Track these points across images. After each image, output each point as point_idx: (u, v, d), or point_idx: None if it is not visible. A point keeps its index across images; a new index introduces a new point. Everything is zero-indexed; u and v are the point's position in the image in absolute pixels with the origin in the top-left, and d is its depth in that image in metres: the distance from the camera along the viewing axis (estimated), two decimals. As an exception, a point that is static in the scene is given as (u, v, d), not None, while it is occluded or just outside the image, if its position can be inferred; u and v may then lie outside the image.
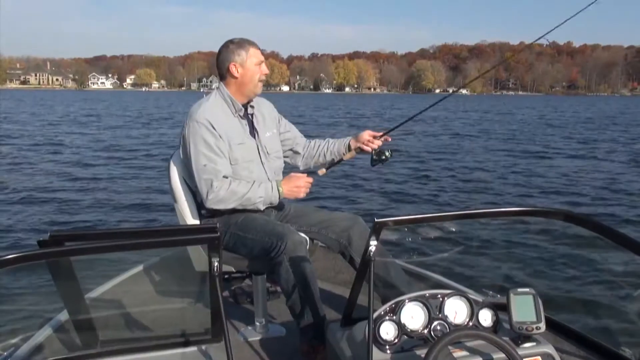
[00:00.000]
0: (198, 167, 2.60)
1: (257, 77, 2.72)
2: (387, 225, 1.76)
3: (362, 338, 1.88)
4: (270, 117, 2.94)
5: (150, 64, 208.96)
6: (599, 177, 12.62)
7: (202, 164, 2.59)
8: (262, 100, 2.97)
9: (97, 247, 1.59)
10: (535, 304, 1.79)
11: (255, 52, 2.71)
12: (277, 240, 2.45)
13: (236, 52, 2.69)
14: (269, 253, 2.47)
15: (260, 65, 2.72)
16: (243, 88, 2.74)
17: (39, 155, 16.07)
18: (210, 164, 2.59)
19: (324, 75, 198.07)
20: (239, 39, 2.73)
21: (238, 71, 2.70)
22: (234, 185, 2.59)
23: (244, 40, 2.72)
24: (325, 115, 41.08)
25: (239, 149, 2.68)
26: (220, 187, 2.57)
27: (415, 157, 15.76)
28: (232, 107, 2.74)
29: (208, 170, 2.59)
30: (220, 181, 2.58)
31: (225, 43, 2.74)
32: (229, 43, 2.72)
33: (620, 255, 4.88)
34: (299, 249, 2.44)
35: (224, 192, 2.57)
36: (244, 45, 2.70)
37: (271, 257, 2.47)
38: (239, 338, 2.81)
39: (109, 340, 2.00)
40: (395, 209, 9.32)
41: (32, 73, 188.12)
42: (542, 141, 21.61)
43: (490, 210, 2.03)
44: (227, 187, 2.58)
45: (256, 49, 2.72)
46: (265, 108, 2.95)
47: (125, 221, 8.23)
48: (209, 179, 2.58)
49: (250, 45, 2.70)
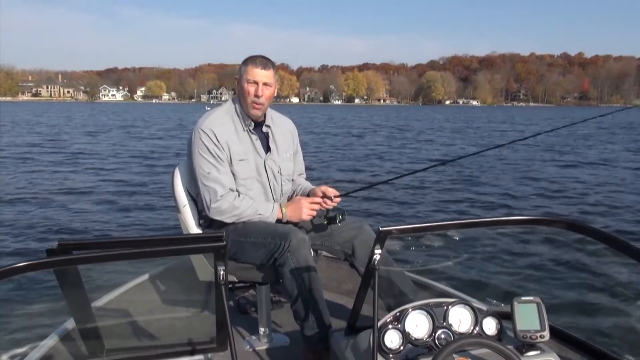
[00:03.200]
0: (202, 174, 2.59)
1: (249, 98, 2.64)
2: (392, 234, 1.75)
3: (366, 347, 1.88)
4: (288, 137, 2.89)
5: (161, 76, 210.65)
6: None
7: (206, 171, 2.59)
8: (284, 120, 2.92)
9: (104, 255, 1.60)
10: (539, 312, 1.80)
11: (252, 71, 2.63)
12: (281, 239, 2.42)
13: (241, 67, 2.69)
14: (273, 254, 2.45)
15: (251, 85, 2.63)
16: (242, 104, 2.71)
17: (50, 164, 16.27)
18: (214, 173, 2.58)
19: (334, 86, 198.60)
20: (252, 55, 2.69)
21: (237, 85, 2.70)
22: (237, 201, 2.59)
23: (249, 57, 2.68)
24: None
25: (239, 164, 2.64)
26: (224, 198, 2.57)
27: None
28: (242, 121, 2.70)
29: (212, 178, 2.58)
30: (226, 192, 2.58)
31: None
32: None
33: (624, 263, 4.85)
34: (303, 247, 2.42)
35: (227, 204, 2.57)
36: (247, 61, 2.67)
37: (275, 259, 2.45)
38: (244, 347, 2.81)
39: (114, 349, 2.01)
40: (399, 218, 9.32)
41: (44, 85, 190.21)
42: (564, 150, 21.51)
43: (494, 219, 2.03)
44: (231, 199, 2.58)
45: (255, 68, 2.63)
46: (286, 127, 2.90)
47: (132, 229, 8.29)
48: (213, 187, 2.57)
49: (251, 63, 2.65)
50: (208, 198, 2.59)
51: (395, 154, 20.38)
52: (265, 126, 2.78)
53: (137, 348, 2.30)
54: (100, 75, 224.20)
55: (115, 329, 2.68)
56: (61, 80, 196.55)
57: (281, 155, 2.80)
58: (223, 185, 2.57)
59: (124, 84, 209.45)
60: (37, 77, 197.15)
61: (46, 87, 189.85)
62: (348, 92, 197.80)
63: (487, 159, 16.65)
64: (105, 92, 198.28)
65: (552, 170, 15.51)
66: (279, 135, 2.81)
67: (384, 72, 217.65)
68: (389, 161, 18.10)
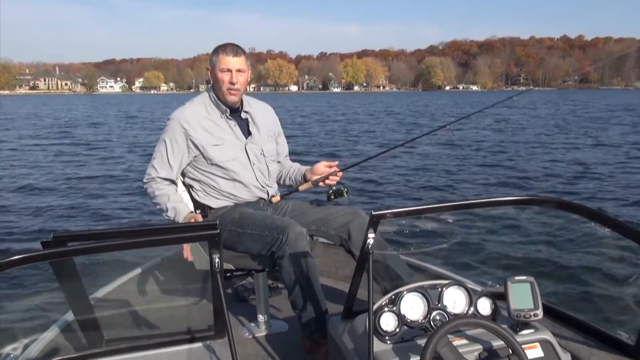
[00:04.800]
0: (154, 153, 2.79)
1: (225, 86, 2.71)
2: (385, 218, 1.76)
3: (363, 330, 1.90)
4: (268, 121, 2.98)
5: (159, 67, 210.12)
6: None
7: (155, 152, 2.78)
8: (263, 105, 3.02)
9: (99, 246, 1.61)
10: (532, 291, 1.81)
11: (224, 59, 2.69)
12: (279, 232, 2.45)
13: (212, 57, 2.75)
14: (270, 247, 2.48)
15: (225, 73, 2.70)
16: (217, 92, 2.78)
17: (41, 157, 16.34)
18: (159, 158, 2.74)
19: (333, 74, 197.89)
20: (222, 44, 2.74)
21: (210, 75, 2.78)
22: (158, 191, 2.71)
23: (219, 46, 2.74)
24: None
25: (214, 149, 2.73)
26: (151, 182, 2.74)
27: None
28: (218, 109, 2.79)
29: (156, 161, 2.75)
30: (155, 177, 2.73)
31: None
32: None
33: (615, 241, 4.89)
34: (301, 240, 2.45)
35: (150, 189, 2.74)
36: (217, 50, 2.73)
37: (273, 251, 2.48)
38: (242, 334, 2.83)
39: (114, 339, 2.02)
40: (395, 201, 9.44)
41: (41, 78, 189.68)
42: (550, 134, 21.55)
43: (486, 200, 2.03)
44: (154, 186, 2.73)
45: (226, 56, 2.69)
46: (265, 113, 2.99)
47: (127, 219, 8.35)
48: (150, 168, 2.76)
49: (222, 52, 2.71)
50: (146, 175, 2.78)
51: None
52: (244, 112, 2.87)
53: (136, 337, 2.31)
54: (98, 67, 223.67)
55: (114, 319, 2.69)
56: (59, 73, 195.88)
57: (262, 137, 2.88)
58: (157, 171, 2.74)
59: (122, 75, 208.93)
60: (34, 70, 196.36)
61: (44, 79, 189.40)
62: (347, 80, 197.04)
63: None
64: (103, 83, 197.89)
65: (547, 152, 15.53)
66: (258, 119, 2.90)
67: (383, 59, 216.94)
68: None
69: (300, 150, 16.18)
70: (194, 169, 2.79)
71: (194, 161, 2.77)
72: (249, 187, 2.79)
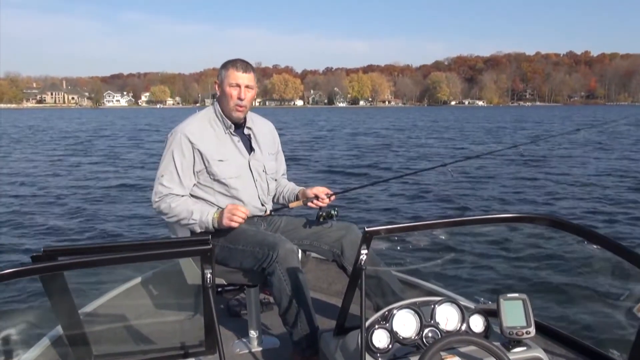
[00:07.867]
0: (159, 171, 2.70)
1: (232, 101, 2.69)
2: (378, 234, 1.76)
3: (355, 347, 1.88)
4: (270, 138, 2.97)
5: (166, 81, 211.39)
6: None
7: (162, 169, 2.68)
8: (264, 122, 3.01)
9: (90, 261, 1.61)
10: (525, 308, 1.81)
11: (233, 74, 2.68)
12: (269, 249, 2.45)
13: (221, 71, 2.73)
14: (261, 263, 2.47)
15: (234, 88, 2.68)
16: (224, 107, 2.75)
17: (35, 171, 16.28)
18: (167, 175, 2.66)
19: (338, 89, 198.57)
20: (232, 59, 2.73)
21: (218, 90, 2.75)
22: (174, 203, 2.63)
23: (229, 61, 2.73)
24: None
25: (219, 165, 2.69)
26: (163, 199, 2.64)
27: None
28: (223, 125, 2.76)
29: (164, 180, 2.65)
30: (167, 194, 2.64)
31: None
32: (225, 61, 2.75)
33: (606, 259, 4.85)
34: (291, 257, 2.44)
35: (164, 205, 2.65)
36: (227, 65, 2.72)
37: (263, 268, 2.47)
38: (233, 349, 2.81)
39: (102, 355, 2.01)
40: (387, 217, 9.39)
41: (48, 92, 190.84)
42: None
43: (478, 217, 2.04)
44: (169, 201, 2.64)
45: (236, 71, 2.68)
46: (267, 128, 2.98)
47: (119, 234, 8.29)
48: (159, 186, 2.66)
49: (232, 67, 2.69)
50: (153, 194, 2.69)
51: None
52: (247, 128, 2.84)
53: (125, 353, 2.30)
54: (105, 81, 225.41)
55: (103, 334, 2.67)
56: (65, 87, 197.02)
57: (264, 154, 2.87)
58: (168, 187, 2.64)
59: (129, 89, 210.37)
60: (41, 84, 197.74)
61: (50, 93, 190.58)
62: (353, 94, 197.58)
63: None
64: (110, 97, 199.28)
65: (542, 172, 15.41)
66: (260, 136, 2.88)
67: (388, 74, 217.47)
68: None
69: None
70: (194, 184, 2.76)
71: (196, 176, 2.73)
72: (248, 205, 2.75)
